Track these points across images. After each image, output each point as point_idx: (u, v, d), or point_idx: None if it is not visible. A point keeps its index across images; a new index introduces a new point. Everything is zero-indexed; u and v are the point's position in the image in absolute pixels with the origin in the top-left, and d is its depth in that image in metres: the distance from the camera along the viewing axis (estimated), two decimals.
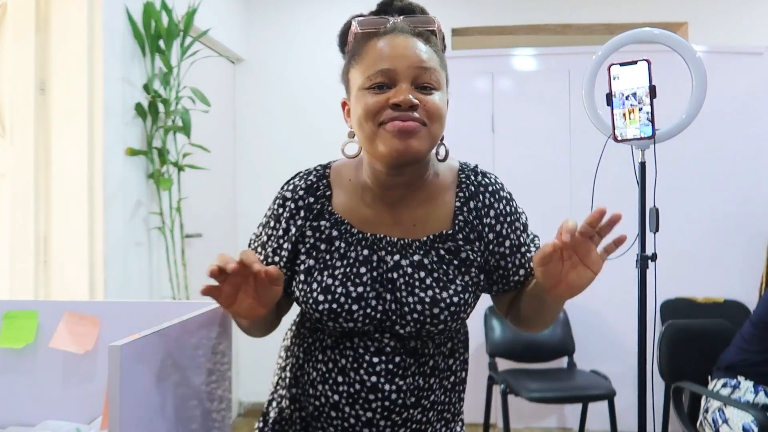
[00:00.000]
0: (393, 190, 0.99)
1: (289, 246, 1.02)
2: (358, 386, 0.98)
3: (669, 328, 2.47)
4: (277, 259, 1.04)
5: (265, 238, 1.07)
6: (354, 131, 0.99)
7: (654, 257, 1.89)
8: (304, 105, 3.55)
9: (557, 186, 3.16)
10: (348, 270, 0.97)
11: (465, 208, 1.01)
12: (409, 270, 0.97)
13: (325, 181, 1.05)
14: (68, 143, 2.18)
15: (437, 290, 0.96)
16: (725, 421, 2.06)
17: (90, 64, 2.19)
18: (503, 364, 2.99)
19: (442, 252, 0.99)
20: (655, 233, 1.88)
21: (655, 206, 1.88)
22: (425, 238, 0.99)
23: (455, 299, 0.96)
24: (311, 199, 1.03)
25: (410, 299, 0.96)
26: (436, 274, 0.97)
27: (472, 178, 1.03)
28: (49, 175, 2.19)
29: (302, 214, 1.02)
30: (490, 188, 1.03)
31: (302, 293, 0.99)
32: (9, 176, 2.17)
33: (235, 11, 3.45)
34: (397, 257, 0.98)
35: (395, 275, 0.97)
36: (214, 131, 3.21)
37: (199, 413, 1.18)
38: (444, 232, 1.00)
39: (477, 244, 1.01)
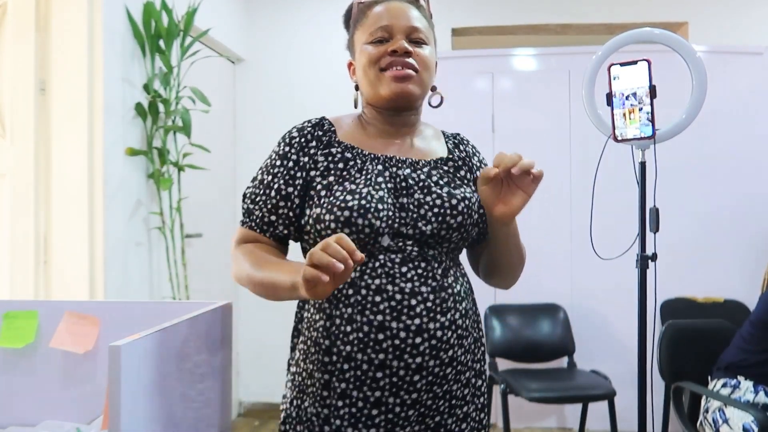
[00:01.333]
0: (393, 127, 1.15)
1: (303, 174, 1.09)
2: (398, 296, 1.02)
3: (669, 328, 2.47)
4: (291, 189, 1.09)
5: (269, 178, 1.11)
6: (358, 82, 1.17)
7: (654, 257, 1.88)
8: (305, 105, 3.55)
9: (557, 186, 3.16)
10: (367, 178, 1.07)
11: (456, 150, 1.20)
12: (423, 176, 1.10)
13: (327, 122, 1.17)
14: (68, 143, 2.18)
15: (452, 188, 1.11)
16: (725, 421, 2.06)
17: (90, 64, 2.19)
18: (503, 364, 2.99)
19: (446, 169, 1.15)
20: (655, 233, 1.88)
21: (655, 206, 1.88)
22: (429, 160, 1.15)
23: (468, 194, 1.10)
24: (319, 132, 1.13)
25: (428, 198, 1.07)
26: (446, 179, 1.13)
27: (454, 136, 1.25)
28: (49, 175, 2.19)
29: (313, 143, 1.11)
30: (470, 144, 1.26)
31: (326, 205, 1.04)
32: (9, 176, 2.17)
33: (236, 11, 3.45)
34: (408, 170, 1.11)
35: (410, 182, 1.09)
36: (215, 131, 3.21)
37: (199, 413, 1.18)
38: (444, 156, 1.17)
39: (469, 176, 1.18)
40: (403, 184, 1.08)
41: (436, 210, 1.06)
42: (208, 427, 1.21)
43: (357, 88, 1.19)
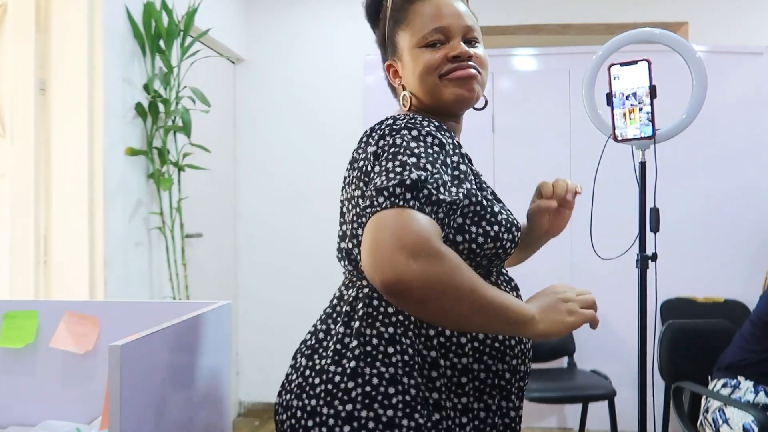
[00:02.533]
0: (459, 129, 1.10)
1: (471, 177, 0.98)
2: (509, 289, 1.06)
3: (669, 328, 2.47)
4: (474, 190, 0.95)
5: (443, 158, 0.90)
6: (409, 87, 1.05)
7: (654, 257, 1.89)
8: (305, 105, 3.55)
9: None
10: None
11: None
12: None
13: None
14: (68, 143, 2.18)
15: None
16: (725, 421, 2.05)
17: (90, 64, 2.19)
18: None
19: None
20: (655, 233, 1.88)
21: (655, 206, 1.88)
22: None
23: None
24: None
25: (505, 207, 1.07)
26: None
27: None
28: (49, 175, 2.19)
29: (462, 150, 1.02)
30: None
31: (504, 223, 0.96)
32: (9, 176, 2.17)
33: (236, 11, 3.45)
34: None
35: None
36: (215, 131, 3.21)
37: (199, 413, 1.18)
38: None
39: None
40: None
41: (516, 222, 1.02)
42: (208, 427, 1.21)
43: (403, 88, 1.07)
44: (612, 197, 2.51)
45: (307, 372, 0.97)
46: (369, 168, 0.91)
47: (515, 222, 0.99)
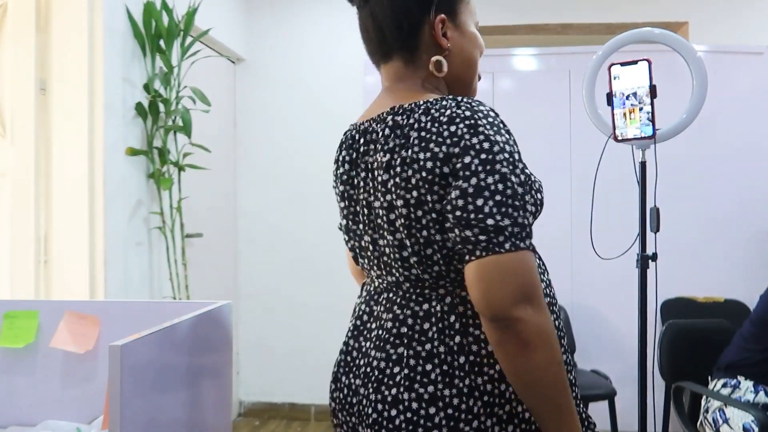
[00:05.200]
0: None
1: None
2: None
3: (669, 327, 2.47)
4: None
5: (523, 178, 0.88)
6: (455, 59, 0.98)
7: (654, 257, 1.89)
8: (305, 105, 3.55)
9: (558, 186, 3.16)
10: None
11: None
12: None
13: None
14: (68, 143, 2.18)
15: None
16: (726, 420, 2.05)
17: (90, 64, 2.19)
18: None
19: None
20: (655, 233, 1.88)
21: (655, 206, 1.88)
22: None
23: None
24: None
25: None
26: None
27: None
28: (49, 175, 2.19)
29: None
30: None
31: (539, 183, 0.98)
32: (9, 176, 2.17)
33: (236, 11, 3.45)
34: None
35: None
36: (215, 131, 3.21)
37: (200, 413, 1.18)
38: None
39: None
40: None
41: None
42: (208, 427, 1.21)
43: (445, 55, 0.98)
44: (612, 197, 2.52)
45: (414, 405, 0.88)
46: (449, 169, 0.85)
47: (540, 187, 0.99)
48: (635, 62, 1.80)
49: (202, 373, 1.18)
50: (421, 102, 0.91)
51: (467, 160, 0.83)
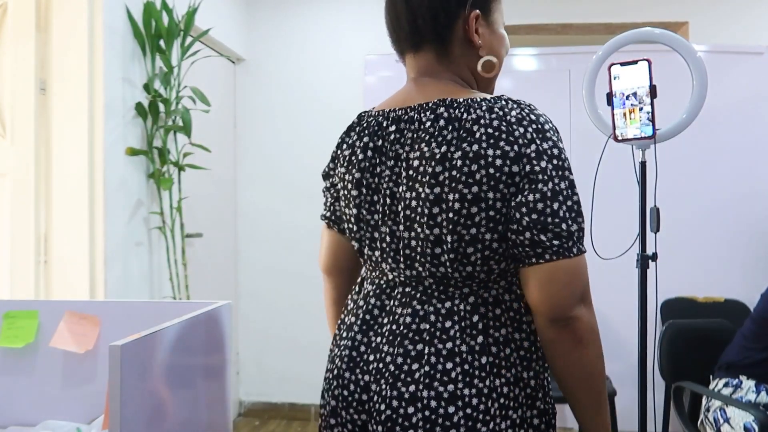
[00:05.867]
0: None
1: None
2: None
3: (669, 327, 2.47)
4: None
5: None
6: (488, 52, 1.00)
7: (654, 257, 1.89)
8: (305, 105, 3.55)
9: None
10: None
11: None
12: None
13: None
14: (68, 143, 2.18)
15: None
16: (726, 420, 2.05)
17: (90, 64, 2.19)
18: None
19: None
20: (655, 233, 1.88)
21: (655, 206, 1.88)
22: None
23: None
24: None
25: None
26: None
27: None
28: (49, 175, 2.19)
29: None
30: None
31: None
32: (9, 176, 2.17)
33: (236, 11, 3.45)
34: None
35: None
36: (215, 131, 3.21)
37: (200, 413, 1.18)
38: None
39: None
40: None
41: None
42: (208, 427, 1.21)
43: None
44: (612, 197, 2.51)
45: (433, 403, 0.88)
46: (519, 169, 0.86)
47: None
48: (635, 62, 1.80)
49: (202, 373, 1.18)
50: (479, 98, 0.92)
51: (543, 164, 0.86)
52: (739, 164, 3.14)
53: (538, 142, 0.87)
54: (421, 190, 0.91)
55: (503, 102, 0.91)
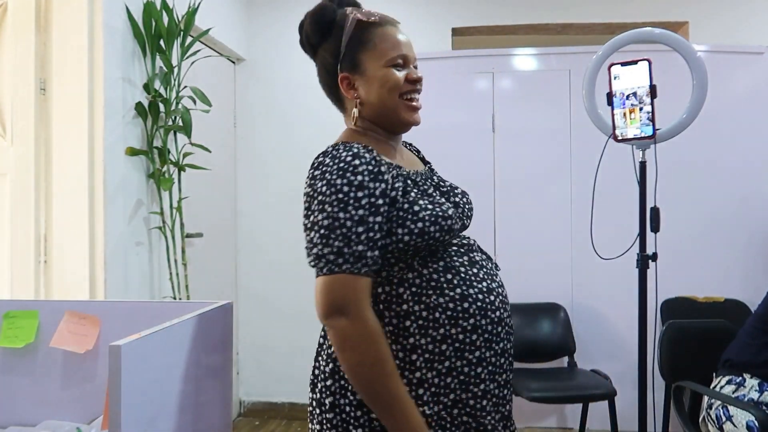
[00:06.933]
0: (396, 143, 1.23)
1: (386, 199, 1.06)
2: (488, 266, 1.14)
3: (669, 327, 2.47)
4: (381, 218, 1.04)
5: (361, 213, 1.02)
6: (367, 100, 1.16)
7: (654, 257, 1.89)
8: (305, 105, 3.55)
9: (558, 186, 3.16)
10: (427, 191, 1.15)
11: (423, 157, 1.35)
12: (441, 181, 1.24)
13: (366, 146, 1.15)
14: (68, 143, 2.18)
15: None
16: (729, 418, 2.05)
17: (90, 64, 2.19)
18: None
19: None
20: (655, 233, 1.88)
21: (655, 206, 1.89)
22: (425, 169, 1.27)
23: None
24: (377, 156, 1.11)
25: (463, 198, 1.21)
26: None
27: (411, 145, 1.36)
28: (50, 175, 2.19)
29: (383, 168, 1.09)
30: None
31: (427, 218, 1.06)
32: (9, 176, 2.17)
33: (236, 11, 3.45)
34: (434, 178, 1.24)
35: (444, 187, 1.21)
36: (215, 131, 3.21)
37: (200, 413, 1.18)
38: (424, 162, 1.32)
39: None
40: (443, 189, 1.20)
41: (468, 206, 1.21)
42: (208, 427, 1.21)
43: (354, 103, 1.18)
44: (612, 197, 2.51)
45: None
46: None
47: (442, 213, 1.07)
48: (635, 62, 1.80)
49: (202, 373, 1.18)
50: (330, 147, 1.12)
51: (306, 202, 1.07)
52: (739, 164, 3.14)
53: (306, 182, 1.08)
54: None
55: (325, 150, 1.11)
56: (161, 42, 2.47)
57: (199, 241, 2.99)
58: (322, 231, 1.02)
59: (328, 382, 1.08)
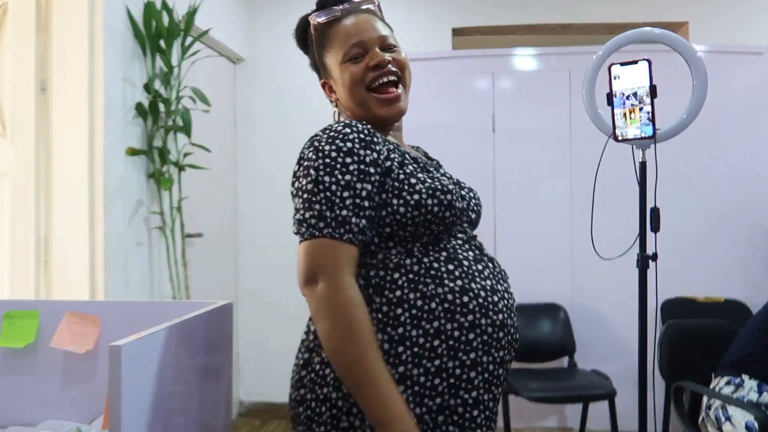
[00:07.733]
0: (387, 132, 1.17)
1: (378, 168, 1.00)
2: (496, 269, 1.07)
3: (669, 327, 2.47)
4: (371, 187, 0.98)
5: (348, 178, 0.96)
6: (342, 100, 1.16)
7: (654, 257, 1.88)
8: (305, 105, 3.55)
9: (558, 186, 3.16)
10: (429, 169, 1.09)
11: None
12: (452, 177, 1.17)
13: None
14: (69, 143, 2.18)
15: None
16: (728, 418, 2.05)
17: (90, 64, 2.19)
18: None
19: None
20: (655, 233, 1.88)
21: (655, 206, 1.88)
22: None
23: None
24: (372, 129, 1.06)
25: (470, 191, 1.16)
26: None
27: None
28: (50, 175, 2.19)
29: (377, 138, 1.04)
30: None
31: (425, 190, 1.00)
32: (9, 176, 2.17)
33: (236, 11, 3.45)
34: (441, 171, 1.18)
35: (448, 175, 1.15)
36: (215, 131, 3.21)
37: (200, 413, 1.18)
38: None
39: None
40: (447, 176, 1.15)
41: (475, 201, 1.15)
42: (208, 427, 1.21)
43: (336, 104, 1.21)
44: (612, 197, 2.51)
45: None
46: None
47: (441, 187, 1.01)
48: (635, 62, 1.80)
49: (202, 373, 1.18)
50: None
51: (295, 167, 1.03)
52: (739, 164, 3.14)
53: (303, 152, 1.03)
54: None
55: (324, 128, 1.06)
56: (161, 42, 2.47)
57: (199, 241, 2.99)
58: (305, 195, 0.96)
59: (302, 373, 1.00)
